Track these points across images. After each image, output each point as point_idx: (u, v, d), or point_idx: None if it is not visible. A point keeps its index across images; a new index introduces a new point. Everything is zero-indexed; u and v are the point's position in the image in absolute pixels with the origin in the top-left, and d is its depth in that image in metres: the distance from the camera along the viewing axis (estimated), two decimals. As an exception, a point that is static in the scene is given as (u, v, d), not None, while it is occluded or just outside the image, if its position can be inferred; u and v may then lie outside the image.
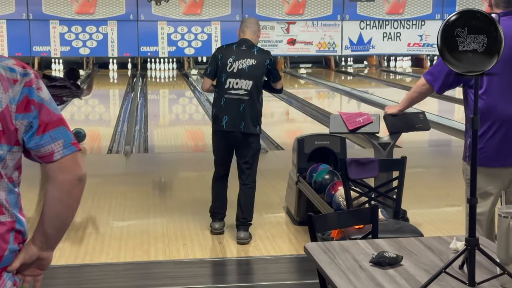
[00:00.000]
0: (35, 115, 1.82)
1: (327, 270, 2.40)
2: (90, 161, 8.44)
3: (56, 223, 1.92)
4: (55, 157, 1.84)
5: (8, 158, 1.82)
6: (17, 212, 1.86)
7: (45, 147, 1.84)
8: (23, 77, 1.83)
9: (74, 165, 1.87)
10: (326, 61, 21.42)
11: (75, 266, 4.61)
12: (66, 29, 19.08)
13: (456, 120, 10.81)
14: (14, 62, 1.85)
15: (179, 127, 11.22)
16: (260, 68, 5.01)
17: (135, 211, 5.94)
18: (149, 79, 18.56)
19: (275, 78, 5.14)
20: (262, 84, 5.07)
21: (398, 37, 20.33)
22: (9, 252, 1.82)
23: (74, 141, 1.89)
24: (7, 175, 1.83)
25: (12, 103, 1.80)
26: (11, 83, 1.81)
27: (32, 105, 1.82)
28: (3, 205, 1.81)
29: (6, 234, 1.81)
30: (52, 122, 1.85)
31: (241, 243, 5.01)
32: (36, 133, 1.83)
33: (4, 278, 1.83)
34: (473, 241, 2.26)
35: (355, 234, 3.64)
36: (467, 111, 3.62)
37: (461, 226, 4.59)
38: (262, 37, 19.77)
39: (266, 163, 7.96)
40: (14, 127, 1.80)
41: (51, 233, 1.92)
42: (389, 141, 4.86)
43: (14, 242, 1.84)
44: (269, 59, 5.05)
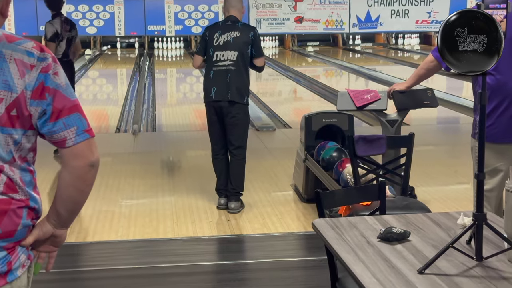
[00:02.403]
0: (49, 102, 1.82)
1: (334, 246, 2.41)
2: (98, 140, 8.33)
3: (68, 205, 1.94)
4: (68, 143, 1.85)
5: (24, 141, 1.84)
6: (31, 190, 1.88)
7: (58, 133, 1.84)
8: (41, 62, 1.81)
9: (86, 151, 1.88)
10: (334, 39, 21.32)
11: (84, 244, 4.65)
12: (73, 8, 19.05)
13: (464, 97, 10.78)
14: (34, 44, 1.83)
15: (186, 105, 11.22)
16: (245, 39, 5.19)
17: (143, 189, 5.97)
18: (156, 58, 18.54)
19: (257, 52, 5.25)
20: (248, 55, 5.20)
21: (406, 14, 20.21)
22: (22, 227, 1.85)
23: (88, 128, 1.89)
24: (21, 156, 1.84)
25: (27, 89, 1.79)
26: (28, 68, 1.80)
27: (47, 92, 1.81)
28: (17, 184, 1.83)
29: (19, 210, 1.84)
30: (66, 108, 1.84)
31: (232, 213, 5.22)
32: (50, 119, 1.83)
33: (18, 251, 1.86)
34: (481, 216, 2.27)
35: (362, 210, 3.64)
36: (476, 87, 3.61)
37: (469, 203, 4.60)
38: (269, 15, 19.87)
39: (274, 141, 7.98)
40: (29, 113, 1.81)
41: (63, 214, 1.95)
42: (397, 118, 4.85)
43: (27, 218, 1.86)
44: (253, 32, 5.25)
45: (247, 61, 5.22)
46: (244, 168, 5.33)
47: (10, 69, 1.78)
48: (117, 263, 4.36)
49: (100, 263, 4.38)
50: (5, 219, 1.81)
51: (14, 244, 1.85)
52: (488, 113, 3.48)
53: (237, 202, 5.28)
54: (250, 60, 5.26)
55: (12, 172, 1.82)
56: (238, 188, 5.29)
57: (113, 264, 4.34)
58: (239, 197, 5.32)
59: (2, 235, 1.81)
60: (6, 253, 1.82)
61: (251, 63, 5.30)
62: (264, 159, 6.98)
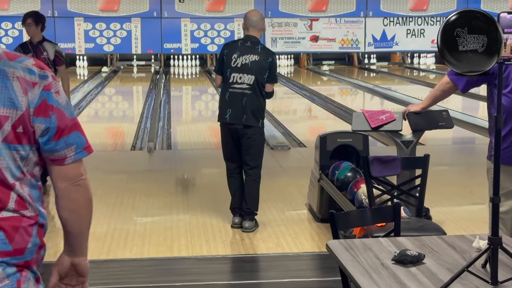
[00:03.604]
0: (53, 121, 1.84)
1: (349, 268, 2.41)
2: (113, 157, 8.51)
3: (70, 229, 1.96)
4: (67, 161, 1.88)
5: (30, 156, 1.86)
6: (40, 206, 1.90)
7: (59, 152, 1.87)
8: (42, 80, 1.84)
9: (71, 171, 1.90)
10: (349, 58, 21.34)
11: (99, 262, 4.66)
12: (90, 26, 19.25)
13: (480, 117, 10.73)
14: (33, 62, 1.86)
15: (202, 123, 11.26)
16: (263, 64, 5.17)
17: (158, 207, 5.99)
18: (172, 75, 18.65)
19: (270, 78, 5.22)
20: (264, 80, 5.19)
21: (422, 33, 20.22)
22: (32, 245, 1.86)
23: (86, 145, 1.92)
24: (28, 171, 1.87)
25: (30, 106, 1.81)
26: (30, 86, 1.82)
27: (50, 110, 1.84)
28: (26, 201, 1.85)
29: (30, 227, 1.85)
30: (68, 128, 1.87)
31: (246, 232, 5.22)
32: (53, 138, 1.85)
33: (28, 274, 1.86)
34: (496, 240, 2.26)
35: (377, 232, 3.63)
36: (491, 109, 3.60)
37: (485, 225, 4.57)
38: (285, 34, 19.96)
39: (289, 160, 7.98)
40: (33, 129, 1.83)
41: (71, 240, 1.97)
42: (412, 139, 4.84)
43: (37, 236, 1.87)
44: (271, 57, 5.23)
45: (263, 85, 5.21)
46: (258, 188, 5.33)
47: (14, 87, 1.80)
48: (131, 282, 4.37)
49: (114, 281, 4.39)
50: (16, 237, 1.82)
51: (24, 263, 1.85)
52: (504, 135, 3.47)
53: (251, 221, 5.28)
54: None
55: (22, 189, 1.84)
56: (252, 208, 5.29)
57: (127, 283, 4.35)
58: (253, 216, 5.32)
59: (13, 252, 1.82)
60: (16, 270, 1.83)
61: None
62: (278, 177, 6.99)
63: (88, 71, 19.28)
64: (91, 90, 15.20)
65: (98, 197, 6.23)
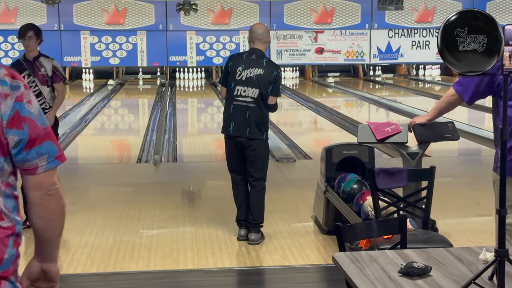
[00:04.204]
0: (25, 132, 1.83)
1: (355, 280, 2.41)
2: (119, 170, 8.53)
3: (42, 236, 1.95)
4: (38, 171, 1.86)
5: (5, 168, 1.85)
6: (16, 216, 1.88)
7: (30, 162, 1.85)
8: (14, 91, 1.82)
9: (45, 181, 1.88)
10: (354, 69, 21.37)
11: (105, 274, 4.66)
12: (96, 40, 19.34)
13: (486, 129, 10.71)
14: (5, 72, 1.84)
15: (207, 136, 11.28)
16: (268, 78, 5.18)
17: (164, 219, 5.99)
18: (177, 88, 18.70)
19: (274, 91, 5.22)
20: (268, 94, 5.20)
21: (427, 45, 20.24)
22: (8, 255, 1.84)
23: (59, 154, 1.90)
24: (3, 182, 1.85)
25: (3, 118, 1.80)
26: (3, 98, 1.80)
27: (23, 122, 1.82)
28: (2, 211, 1.83)
29: (6, 238, 1.83)
30: (40, 137, 1.85)
31: (252, 244, 5.21)
32: (24, 149, 1.84)
33: (6, 286, 1.84)
34: (503, 252, 2.26)
35: (383, 244, 3.63)
36: (497, 121, 3.60)
37: (491, 236, 4.55)
38: (290, 46, 20.02)
39: (294, 172, 7.98)
40: (6, 141, 1.82)
41: (42, 247, 1.96)
42: (418, 151, 4.84)
43: (13, 246, 1.86)
44: (276, 71, 5.23)
45: (267, 98, 5.22)
46: (264, 199, 5.34)
47: None
48: (138, 294, 4.37)
49: (121, 294, 4.39)
50: None
51: (1, 274, 1.82)
52: (510, 147, 3.46)
53: (257, 233, 5.28)
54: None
55: None
56: (258, 220, 5.29)
57: (133, 295, 4.35)
58: (259, 229, 5.32)
59: None
60: None
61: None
62: (284, 190, 6.99)
63: (94, 84, 19.36)
64: (97, 103, 15.26)
65: (104, 210, 6.24)
